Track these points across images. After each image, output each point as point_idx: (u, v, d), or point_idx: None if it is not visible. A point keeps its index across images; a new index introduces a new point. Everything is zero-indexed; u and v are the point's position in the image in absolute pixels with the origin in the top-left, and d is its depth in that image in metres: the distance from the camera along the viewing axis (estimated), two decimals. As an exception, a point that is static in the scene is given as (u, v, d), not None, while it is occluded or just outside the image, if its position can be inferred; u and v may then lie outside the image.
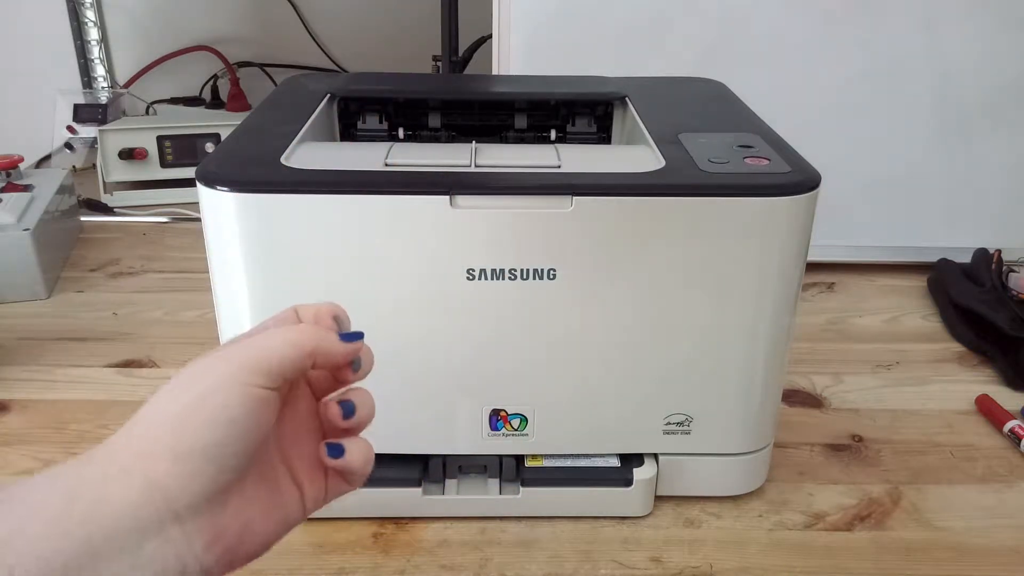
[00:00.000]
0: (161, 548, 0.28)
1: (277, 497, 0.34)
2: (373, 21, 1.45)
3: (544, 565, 0.56)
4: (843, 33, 0.88)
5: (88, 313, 0.88)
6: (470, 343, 0.53)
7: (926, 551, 0.57)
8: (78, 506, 0.27)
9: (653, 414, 0.57)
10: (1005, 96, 0.91)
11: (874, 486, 0.64)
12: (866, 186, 0.95)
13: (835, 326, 0.88)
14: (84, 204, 1.12)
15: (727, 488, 0.61)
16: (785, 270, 0.53)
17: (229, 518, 0.30)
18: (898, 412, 0.73)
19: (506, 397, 0.56)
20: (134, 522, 0.27)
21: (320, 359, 0.33)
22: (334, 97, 0.67)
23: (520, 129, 0.69)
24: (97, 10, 1.42)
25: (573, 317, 0.53)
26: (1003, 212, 0.96)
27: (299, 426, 0.35)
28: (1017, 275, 0.88)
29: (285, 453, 0.35)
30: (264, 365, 0.31)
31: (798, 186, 0.50)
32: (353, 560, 0.56)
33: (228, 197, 0.49)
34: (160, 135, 1.15)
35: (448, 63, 1.12)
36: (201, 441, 0.29)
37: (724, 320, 0.53)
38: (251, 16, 1.46)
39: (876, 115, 0.92)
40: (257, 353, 0.31)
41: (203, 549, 0.29)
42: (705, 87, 0.74)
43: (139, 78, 1.46)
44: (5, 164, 0.98)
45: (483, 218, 0.49)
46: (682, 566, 0.56)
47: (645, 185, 0.50)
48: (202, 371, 0.30)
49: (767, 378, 0.57)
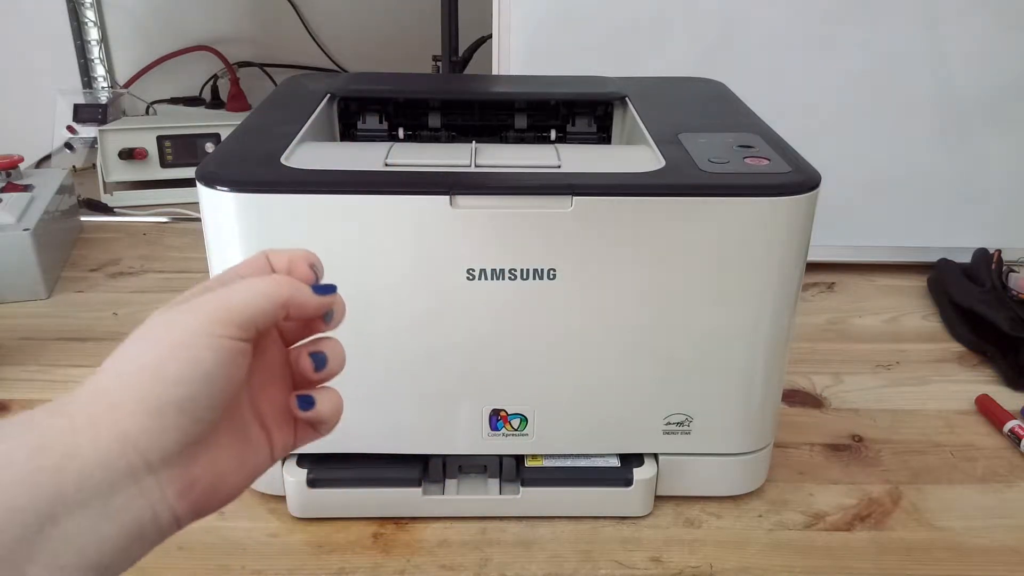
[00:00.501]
0: (133, 498, 0.28)
1: (247, 445, 0.33)
2: (373, 21, 1.45)
3: (544, 565, 0.56)
4: (843, 33, 0.88)
5: (88, 313, 0.88)
6: (470, 343, 0.53)
7: (926, 551, 0.57)
8: (48, 458, 0.26)
9: (653, 414, 0.57)
10: (1005, 96, 0.91)
11: (874, 486, 0.64)
12: (866, 186, 0.95)
13: (835, 326, 0.88)
14: (84, 204, 1.11)
15: (727, 488, 0.61)
16: (785, 270, 0.53)
17: (201, 468, 0.30)
18: (898, 412, 0.73)
19: (506, 397, 0.56)
20: (105, 474, 0.27)
21: (293, 311, 0.32)
22: (334, 97, 0.67)
23: (520, 129, 0.69)
24: (97, 10, 1.42)
25: (573, 317, 0.53)
26: (1003, 212, 0.96)
27: (268, 374, 0.35)
28: (1017, 275, 0.88)
29: (254, 401, 0.34)
30: (236, 317, 0.30)
31: (798, 186, 0.50)
32: (353, 560, 0.56)
33: (228, 197, 0.49)
34: (160, 135, 1.15)
35: (448, 63, 1.12)
36: (174, 395, 0.28)
37: (724, 320, 0.53)
38: (251, 16, 1.46)
39: (876, 115, 0.92)
40: (229, 304, 0.30)
41: (175, 498, 0.29)
42: (705, 87, 0.74)
43: (139, 78, 1.46)
44: (5, 164, 0.98)
45: (483, 218, 0.49)
46: (682, 566, 0.56)
47: (645, 185, 0.50)
48: (171, 322, 0.30)
49: (767, 378, 0.57)
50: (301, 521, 0.59)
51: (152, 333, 0.30)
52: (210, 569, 0.55)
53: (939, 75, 0.90)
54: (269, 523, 0.59)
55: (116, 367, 0.29)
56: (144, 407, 0.28)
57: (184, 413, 0.29)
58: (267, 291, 0.31)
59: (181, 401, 0.28)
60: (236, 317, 0.30)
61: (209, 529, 0.58)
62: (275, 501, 0.60)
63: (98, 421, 0.28)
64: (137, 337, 0.30)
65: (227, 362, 0.30)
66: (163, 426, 0.28)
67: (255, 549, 0.56)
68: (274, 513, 0.59)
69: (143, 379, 0.28)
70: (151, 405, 0.28)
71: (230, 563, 0.55)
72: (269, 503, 0.60)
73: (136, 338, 0.30)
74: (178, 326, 0.30)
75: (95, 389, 0.29)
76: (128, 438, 0.28)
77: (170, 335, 0.29)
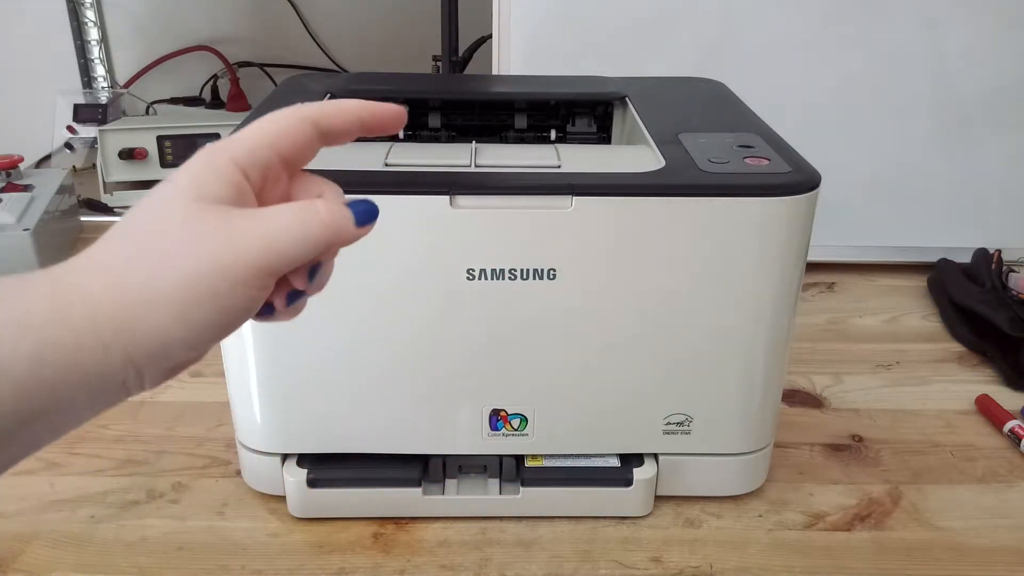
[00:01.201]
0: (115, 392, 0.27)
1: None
2: (373, 21, 1.45)
3: (544, 565, 0.56)
4: (843, 33, 0.88)
5: (88, 313, 0.87)
6: (470, 343, 0.53)
7: (926, 551, 0.57)
8: (47, 372, 0.25)
9: (653, 414, 0.57)
10: (1005, 96, 0.91)
11: (874, 486, 0.64)
12: (866, 186, 0.95)
13: (835, 326, 0.88)
14: (84, 204, 1.11)
15: (727, 488, 0.61)
16: (785, 270, 0.53)
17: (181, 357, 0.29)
18: (898, 412, 0.73)
19: (506, 397, 0.56)
20: (101, 386, 0.27)
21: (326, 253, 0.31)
22: (334, 97, 0.67)
23: (520, 129, 0.69)
24: (97, 10, 1.42)
25: (573, 317, 0.53)
26: (1003, 212, 0.96)
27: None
28: (1017, 275, 0.88)
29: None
30: (278, 265, 0.28)
31: (798, 186, 0.50)
32: (353, 560, 0.56)
33: (228, 197, 0.49)
34: (160, 135, 1.15)
35: (448, 63, 1.12)
36: (194, 337, 0.27)
37: (724, 320, 0.53)
38: (251, 16, 1.46)
39: (876, 115, 0.92)
40: (272, 250, 0.27)
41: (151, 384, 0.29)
42: (705, 87, 0.74)
43: (139, 78, 1.46)
44: (5, 164, 0.98)
45: (483, 218, 0.49)
46: (682, 566, 0.56)
47: (645, 185, 0.50)
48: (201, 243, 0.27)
49: (767, 378, 0.57)
50: (301, 521, 0.59)
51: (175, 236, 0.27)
52: (210, 569, 0.55)
53: (939, 75, 0.90)
54: (269, 523, 0.59)
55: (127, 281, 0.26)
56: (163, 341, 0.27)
57: (192, 348, 0.28)
58: (314, 237, 0.28)
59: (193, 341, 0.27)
60: (277, 266, 0.28)
61: (209, 529, 0.58)
62: (275, 501, 0.60)
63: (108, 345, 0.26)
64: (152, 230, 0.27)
65: (254, 306, 0.28)
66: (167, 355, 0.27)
67: (255, 549, 0.56)
68: (274, 513, 0.59)
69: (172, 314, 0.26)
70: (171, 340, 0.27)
71: (230, 563, 0.55)
72: (269, 503, 0.60)
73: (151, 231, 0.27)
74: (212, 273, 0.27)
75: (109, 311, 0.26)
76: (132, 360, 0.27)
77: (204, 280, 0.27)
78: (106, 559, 0.56)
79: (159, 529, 0.58)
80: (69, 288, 0.26)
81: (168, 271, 0.26)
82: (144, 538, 0.57)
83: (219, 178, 0.29)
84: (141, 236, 0.27)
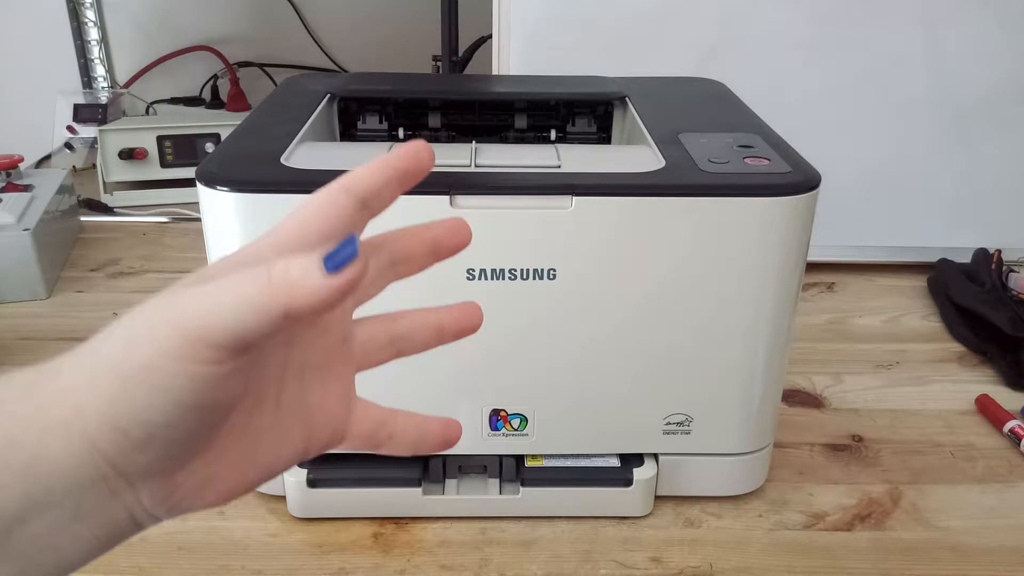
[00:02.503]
0: (105, 501, 0.25)
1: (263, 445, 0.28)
2: (373, 21, 1.45)
3: (544, 565, 0.56)
4: (843, 33, 0.88)
5: (88, 313, 0.88)
6: (470, 343, 0.53)
7: (926, 551, 0.57)
8: (18, 456, 0.24)
9: (653, 414, 0.57)
10: (1004, 96, 0.91)
11: (874, 486, 0.64)
12: (866, 186, 0.95)
13: (835, 326, 0.88)
14: (84, 204, 1.11)
15: (727, 488, 0.61)
16: (785, 270, 0.53)
17: (187, 475, 0.27)
18: (898, 412, 0.73)
19: (506, 397, 0.56)
20: (75, 479, 0.24)
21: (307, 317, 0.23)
22: (334, 97, 0.67)
23: (520, 129, 0.69)
24: (97, 10, 1.42)
25: (573, 317, 0.53)
26: (1003, 212, 0.96)
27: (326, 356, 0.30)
28: (1017, 275, 0.88)
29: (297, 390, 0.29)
30: (214, 337, 0.23)
31: (798, 186, 0.50)
32: (353, 560, 0.56)
33: (228, 197, 0.49)
34: (160, 135, 1.15)
35: (448, 63, 1.12)
36: (143, 419, 0.24)
37: (724, 320, 0.53)
38: (251, 16, 1.46)
39: (876, 115, 0.92)
40: (204, 321, 0.23)
41: (152, 505, 0.27)
42: (705, 87, 0.74)
43: (139, 78, 1.46)
44: (5, 164, 0.98)
45: (483, 218, 0.49)
46: (682, 566, 0.56)
47: (645, 185, 0.50)
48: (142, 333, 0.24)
49: (767, 378, 0.57)
50: (301, 521, 0.59)
51: (124, 340, 0.24)
52: (210, 569, 0.55)
53: (939, 75, 0.90)
54: (269, 523, 0.59)
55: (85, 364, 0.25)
56: (112, 423, 0.24)
57: (156, 438, 0.24)
58: (255, 300, 0.22)
59: (152, 426, 0.24)
60: (214, 337, 0.23)
61: (209, 529, 0.58)
62: (275, 501, 0.60)
63: (67, 423, 0.24)
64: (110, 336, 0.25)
65: (206, 390, 0.24)
66: (133, 445, 0.24)
67: (255, 549, 0.56)
68: (274, 513, 0.59)
69: (110, 393, 0.24)
70: (118, 424, 0.24)
71: (230, 563, 0.55)
72: (269, 503, 0.60)
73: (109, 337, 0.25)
74: (147, 341, 0.23)
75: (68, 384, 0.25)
76: (96, 449, 0.24)
77: (139, 350, 0.24)
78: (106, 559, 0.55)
79: (159, 529, 0.58)
80: (48, 368, 0.26)
81: (108, 337, 0.25)
82: (144, 538, 0.57)
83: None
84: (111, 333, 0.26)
